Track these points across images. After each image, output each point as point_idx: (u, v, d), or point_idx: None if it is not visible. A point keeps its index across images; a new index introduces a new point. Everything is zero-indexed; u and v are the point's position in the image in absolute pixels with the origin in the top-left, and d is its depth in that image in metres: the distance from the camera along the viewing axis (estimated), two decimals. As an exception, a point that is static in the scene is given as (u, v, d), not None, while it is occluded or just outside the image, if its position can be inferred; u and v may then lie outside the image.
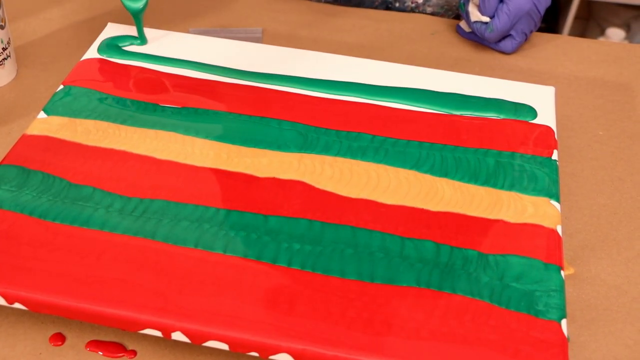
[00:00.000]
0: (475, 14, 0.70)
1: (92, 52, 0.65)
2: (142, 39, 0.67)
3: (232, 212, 0.52)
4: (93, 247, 0.49)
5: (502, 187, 0.54)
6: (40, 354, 0.47)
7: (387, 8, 0.81)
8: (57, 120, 0.58)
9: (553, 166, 0.56)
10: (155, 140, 0.57)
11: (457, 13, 0.85)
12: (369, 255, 0.49)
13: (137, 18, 0.66)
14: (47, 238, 0.49)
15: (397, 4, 0.80)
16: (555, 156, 0.57)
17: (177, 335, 0.45)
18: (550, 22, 1.89)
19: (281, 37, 0.73)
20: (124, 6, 0.65)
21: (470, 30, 0.74)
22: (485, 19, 0.70)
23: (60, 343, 0.48)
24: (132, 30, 0.67)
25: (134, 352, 0.47)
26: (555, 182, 0.55)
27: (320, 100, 0.61)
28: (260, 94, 0.62)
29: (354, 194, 0.53)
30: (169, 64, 0.64)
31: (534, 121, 0.60)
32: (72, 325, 0.49)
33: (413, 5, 0.81)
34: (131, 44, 0.67)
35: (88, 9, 0.77)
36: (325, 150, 0.57)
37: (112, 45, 0.66)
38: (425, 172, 0.55)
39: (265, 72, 0.64)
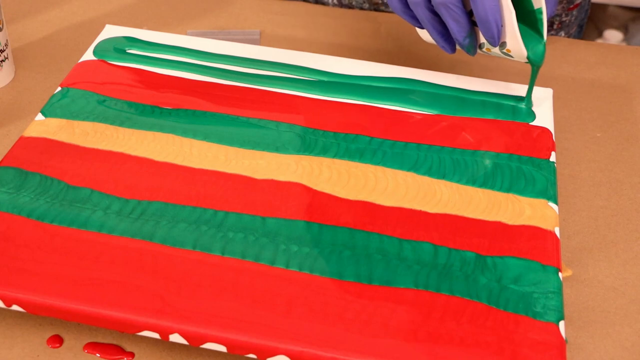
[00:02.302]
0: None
1: (90, 54, 0.65)
2: (528, 100, 0.61)
3: (230, 213, 0.51)
4: (91, 249, 0.48)
5: (499, 189, 0.54)
6: (38, 356, 0.47)
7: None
8: (54, 122, 0.58)
9: (551, 168, 0.56)
10: (153, 142, 0.57)
11: None
12: (367, 257, 0.49)
13: (535, 72, 0.59)
14: (44, 240, 0.49)
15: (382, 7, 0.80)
16: (553, 158, 0.57)
17: (175, 337, 0.45)
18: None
19: (279, 39, 0.74)
20: (529, 59, 0.57)
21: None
22: None
23: (58, 345, 0.47)
24: (129, 32, 0.67)
25: (132, 354, 0.47)
26: (553, 183, 0.55)
27: (318, 102, 0.61)
28: (258, 96, 0.62)
29: (352, 196, 0.53)
30: (167, 66, 0.64)
31: (532, 123, 0.60)
32: (69, 328, 0.48)
33: None
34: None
35: (86, 11, 0.76)
36: (323, 152, 0.57)
37: (109, 47, 0.66)
38: (423, 174, 0.55)
39: (263, 74, 0.64)
